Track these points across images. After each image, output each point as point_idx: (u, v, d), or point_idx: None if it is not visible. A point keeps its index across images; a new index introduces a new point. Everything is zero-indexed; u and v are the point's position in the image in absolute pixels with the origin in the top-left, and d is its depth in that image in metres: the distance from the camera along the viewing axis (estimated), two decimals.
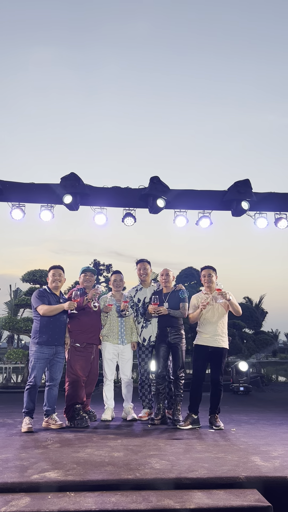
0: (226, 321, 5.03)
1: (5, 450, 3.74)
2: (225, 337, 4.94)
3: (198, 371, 4.96)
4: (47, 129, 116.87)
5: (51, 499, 2.64)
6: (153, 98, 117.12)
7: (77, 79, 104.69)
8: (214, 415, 4.83)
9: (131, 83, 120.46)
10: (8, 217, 6.20)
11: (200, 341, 4.96)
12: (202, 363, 4.97)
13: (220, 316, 4.94)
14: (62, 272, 5.05)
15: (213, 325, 4.90)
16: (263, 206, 6.49)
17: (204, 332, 4.94)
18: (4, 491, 2.76)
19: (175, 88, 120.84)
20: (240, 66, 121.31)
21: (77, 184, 6.01)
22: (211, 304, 4.95)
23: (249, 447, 3.88)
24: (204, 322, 4.97)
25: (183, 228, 6.48)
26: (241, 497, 2.68)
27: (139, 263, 5.67)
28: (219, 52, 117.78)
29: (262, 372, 13.15)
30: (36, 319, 4.86)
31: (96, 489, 2.80)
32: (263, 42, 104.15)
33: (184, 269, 14.42)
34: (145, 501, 2.60)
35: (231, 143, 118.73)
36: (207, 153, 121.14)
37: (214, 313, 4.93)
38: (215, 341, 4.87)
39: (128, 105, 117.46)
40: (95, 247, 53.78)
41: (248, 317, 15.61)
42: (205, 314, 4.97)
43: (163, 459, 3.40)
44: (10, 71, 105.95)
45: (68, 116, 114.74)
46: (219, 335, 4.89)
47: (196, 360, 5.01)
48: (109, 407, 5.31)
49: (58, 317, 4.86)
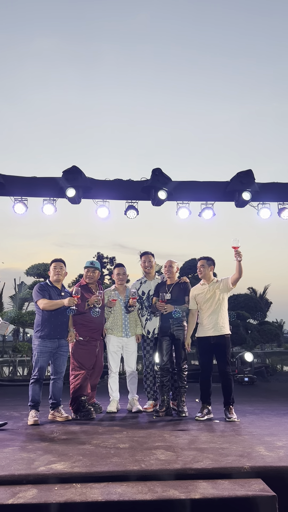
0: (226, 308, 5.02)
1: (11, 442, 3.78)
2: (226, 325, 4.95)
3: (204, 364, 4.98)
4: (47, 122, 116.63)
5: (57, 490, 2.67)
6: (155, 89, 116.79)
7: (78, 70, 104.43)
8: (228, 407, 4.82)
9: (131, 74, 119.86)
10: (11, 211, 6.21)
11: (202, 333, 4.98)
12: (208, 355, 4.98)
13: (219, 304, 4.94)
14: (63, 265, 5.06)
15: (213, 314, 4.91)
16: (266, 196, 6.47)
17: (205, 323, 4.95)
18: (11, 483, 2.80)
19: (177, 79, 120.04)
20: (242, 54, 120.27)
21: (79, 177, 6.01)
22: (210, 292, 4.96)
23: (253, 437, 3.90)
24: (203, 313, 4.98)
25: (186, 219, 6.47)
26: (246, 487, 2.70)
27: (143, 255, 5.67)
28: (221, 43, 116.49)
29: (267, 362, 13.15)
30: (38, 313, 4.89)
31: (102, 480, 2.83)
32: (265, 34, 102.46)
33: (188, 260, 14.35)
34: (150, 491, 2.63)
35: (234, 133, 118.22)
36: (210, 144, 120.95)
37: (212, 303, 4.94)
38: (216, 330, 4.88)
39: (129, 96, 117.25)
40: (98, 240, 53.70)
41: (253, 308, 15.58)
42: (204, 305, 4.98)
43: (168, 450, 3.42)
44: (10, 63, 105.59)
45: (68, 107, 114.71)
46: (220, 324, 4.89)
47: (201, 354, 5.02)
48: (114, 399, 5.35)
49: (60, 311, 4.88)
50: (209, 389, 4.94)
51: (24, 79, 69.20)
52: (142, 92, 78.64)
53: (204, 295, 5.00)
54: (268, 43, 69.37)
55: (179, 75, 71.64)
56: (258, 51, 66.98)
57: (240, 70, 77.41)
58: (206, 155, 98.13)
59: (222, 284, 4.98)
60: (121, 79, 76.46)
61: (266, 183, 6.44)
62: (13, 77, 74.85)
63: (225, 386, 4.86)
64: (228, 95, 76.97)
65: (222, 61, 70.48)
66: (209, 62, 73.39)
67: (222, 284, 4.98)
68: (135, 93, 77.76)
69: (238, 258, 4.73)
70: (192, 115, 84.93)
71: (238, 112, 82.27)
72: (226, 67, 68.53)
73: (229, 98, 79.42)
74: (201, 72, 72.88)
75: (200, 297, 5.02)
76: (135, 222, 6.38)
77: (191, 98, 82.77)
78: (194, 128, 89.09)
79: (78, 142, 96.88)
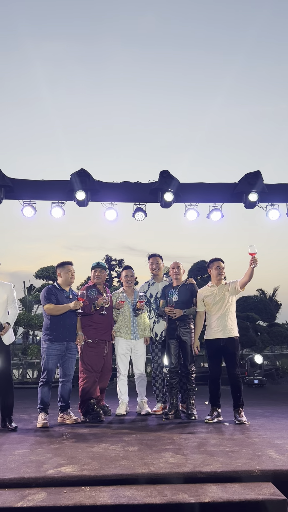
0: (234, 310, 5.00)
1: (21, 445, 3.79)
2: (235, 327, 4.92)
3: (213, 367, 4.96)
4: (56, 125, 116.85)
5: (67, 493, 2.66)
6: (163, 90, 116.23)
7: (86, 73, 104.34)
8: (238, 409, 4.79)
9: (140, 76, 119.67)
10: (20, 214, 6.25)
11: (211, 335, 4.95)
12: (216, 358, 4.95)
13: (228, 307, 4.91)
14: (71, 267, 5.07)
15: (222, 317, 4.88)
16: (274, 197, 6.43)
17: (214, 326, 4.93)
18: (20, 486, 2.80)
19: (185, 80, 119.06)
20: (251, 54, 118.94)
21: (87, 180, 6.02)
22: (219, 295, 4.94)
23: (263, 440, 3.86)
24: (212, 315, 4.96)
25: (194, 221, 6.45)
26: (256, 491, 2.68)
27: (151, 257, 5.66)
28: (229, 42, 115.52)
29: (277, 365, 13.07)
30: (46, 316, 4.91)
31: (111, 483, 2.82)
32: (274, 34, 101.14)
33: (196, 262, 14.36)
34: (160, 495, 2.62)
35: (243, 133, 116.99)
36: (218, 145, 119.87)
37: (221, 305, 4.91)
38: (225, 333, 4.85)
39: (137, 98, 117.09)
40: (107, 242, 53.82)
41: (262, 310, 15.51)
42: (212, 307, 4.96)
43: (178, 453, 3.41)
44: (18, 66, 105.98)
45: (76, 110, 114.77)
46: (229, 326, 4.87)
47: (210, 356, 5.00)
48: (123, 402, 5.34)
49: (69, 314, 4.89)
50: (218, 392, 4.91)
51: (32, 80, 69.84)
52: (149, 94, 78.66)
53: (213, 297, 4.98)
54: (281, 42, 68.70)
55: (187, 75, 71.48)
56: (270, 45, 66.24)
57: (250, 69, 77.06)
58: (215, 156, 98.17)
59: (231, 287, 4.96)
60: (130, 79, 76.74)
61: (274, 184, 6.40)
62: (21, 78, 75.43)
63: (234, 389, 4.83)
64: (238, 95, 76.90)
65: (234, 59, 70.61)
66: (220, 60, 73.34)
67: (231, 286, 4.96)
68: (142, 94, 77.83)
69: (254, 264, 4.73)
70: (202, 116, 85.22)
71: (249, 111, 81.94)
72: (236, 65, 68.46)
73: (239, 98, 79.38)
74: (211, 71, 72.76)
75: (209, 299, 5.00)
76: (143, 224, 6.37)
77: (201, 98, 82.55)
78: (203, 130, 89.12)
79: (86, 145, 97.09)
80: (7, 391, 4.53)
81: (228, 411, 5.02)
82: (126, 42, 67.40)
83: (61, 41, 65.31)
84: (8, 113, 75.61)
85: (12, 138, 77.12)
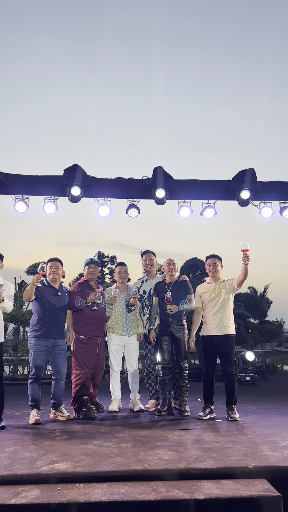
0: (231, 308, 4.99)
1: (13, 442, 3.76)
2: (231, 324, 4.92)
3: (208, 364, 4.96)
4: (49, 120, 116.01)
5: (60, 490, 2.65)
6: (157, 87, 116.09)
7: (80, 69, 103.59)
8: (231, 406, 4.80)
9: (134, 73, 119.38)
10: (12, 210, 6.18)
11: (206, 332, 4.95)
12: (211, 355, 4.95)
13: (224, 304, 4.91)
14: (59, 264, 5.04)
15: (218, 314, 4.88)
16: (268, 195, 6.44)
17: (209, 322, 4.93)
18: (13, 483, 2.78)
19: (179, 77, 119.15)
20: (245, 53, 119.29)
21: (80, 176, 5.98)
22: (215, 292, 4.94)
23: (257, 437, 3.88)
24: (208, 312, 4.96)
25: (188, 218, 6.44)
26: (250, 487, 2.68)
27: (144, 254, 5.65)
28: (225, 40, 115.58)
29: (267, 362, 13.13)
30: (34, 313, 4.92)
31: (105, 480, 2.81)
32: (273, 30, 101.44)
33: (189, 259, 14.32)
34: (154, 491, 2.61)
35: (237, 131, 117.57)
36: (212, 142, 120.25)
37: (217, 302, 4.91)
38: (221, 330, 4.85)
39: (131, 94, 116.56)
40: (99, 239, 53.68)
41: (253, 307, 15.55)
42: (208, 304, 4.96)
43: (171, 449, 3.40)
44: (12, 62, 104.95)
45: (70, 106, 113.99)
46: (224, 323, 4.87)
47: (205, 353, 5.00)
48: (116, 398, 5.32)
49: (55, 310, 4.88)
50: (212, 388, 4.92)
51: (26, 78, 69.13)
52: (144, 91, 78.39)
53: (209, 294, 4.98)
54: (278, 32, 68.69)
55: (181, 73, 71.39)
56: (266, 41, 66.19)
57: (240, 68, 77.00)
58: (208, 153, 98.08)
59: (228, 284, 4.96)
60: (123, 77, 76.22)
61: (268, 182, 6.41)
62: (15, 75, 74.59)
63: (228, 386, 4.84)
64: (230, 92, 76.84)
65: (224, 58, 70.45)
66: (212, 59, 73.07)
67: (228, 284, 4.96)
68: (136, 91, 77.58)
69: (246, 261, 4.71)
70: (194, 113, 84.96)
71: (241, 109, 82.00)
72: (226, 63, 68.38)
73: (231, 95, 79.37)
74: (203, 70, 72.68)
75: (205, 296, 5.00)
76: (136, 221, 6.35)
77: (192, 96, 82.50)
78: (196, 126, 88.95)
79: (79, 140, 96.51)
80: None
81: (220, 408, 5.03)
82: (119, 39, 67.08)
83: (55, 38, 64.84)
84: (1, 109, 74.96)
85: (5, 135, 76.59)
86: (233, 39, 58.05)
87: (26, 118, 77.19)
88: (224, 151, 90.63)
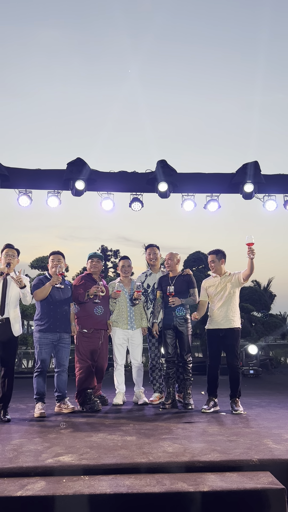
0: (236, 302, 4.99)
1: (19, 435, 3.79)
2: (236, 317, 4.92)
3: (213, 357, 4.97)
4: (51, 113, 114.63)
5: (66, 482, 2.66)
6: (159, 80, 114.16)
7: (82, 62, 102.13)
8: (235, 399, 4.82)
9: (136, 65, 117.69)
10: (16, 204, 6.19)
11: (211, 325, 4.96)
12: (216, 348, 4.96)
13: (229, 298, 4.91)
14: (61, 257, 5.05)
15: (223, 307, 4.88)
16: (272, 188, 6.41)
17: (215, 316, 4.93)
18: (19, 475, 2.80)
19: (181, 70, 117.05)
20: (249, 44, 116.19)
21: (84, 169, 5.97)
22: (221, 285, 4.95)
23: (261, 430, 3.89)
24: (213, 306, 4.96)
25: (191, 212, 6.43)
26: (255, 480, 2.69)
27: (148, 248, 5.64)
28: (228, 31, 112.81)
29: (271, 355, 13.15)
30: (37, 306, 4.93)
31: (110, 472, 2.83)
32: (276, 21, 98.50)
33: (192, 253, 14.31)
34: (159, 484, 2.62)
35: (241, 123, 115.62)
36: (216, 134, 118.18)
37: (222, 296, 4.91)
38: (226, 323, 4.86)
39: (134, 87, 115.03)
40: (102, 233, 53.52)
41: (257, 300, 15.56)
42: (214, 297, 4.96)
43: (176, 442, 3.42)
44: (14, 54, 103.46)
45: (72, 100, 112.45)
46: (229, 317, 4.87)
47: (210, 345, 5.01)
48: (120, 392, 5.35)
49: (59, 304, 4.89)
50: (216, 382, 4.93)
51: (28, 71, 68.69)
52: (147, 83, 77.89)
53: (215, 287, 4.98)
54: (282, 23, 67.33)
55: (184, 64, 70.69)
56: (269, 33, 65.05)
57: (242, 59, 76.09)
58: (212, 146, 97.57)
59: (234, 278, 4.94)
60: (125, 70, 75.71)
61: (272, 175, 6.38)
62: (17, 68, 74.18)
63: (233, 379, 4.85)
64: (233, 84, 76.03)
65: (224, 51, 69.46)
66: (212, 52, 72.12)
67: (234, 278, 4.95)
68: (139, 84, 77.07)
69: (251, 255, 4.70)
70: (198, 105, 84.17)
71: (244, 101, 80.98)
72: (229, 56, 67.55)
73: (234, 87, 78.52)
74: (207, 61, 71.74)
75: (211, 290, 5.01)
76: (139, 214, 6.34)
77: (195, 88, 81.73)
78: (199, 119, 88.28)
79: (83, 134, 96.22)
80: (9, 382, 4.51)
81: (224, 401, 5.05)
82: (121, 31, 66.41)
83: (57, 30, 64.28)
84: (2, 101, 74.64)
85: (8, 128, 76.26)
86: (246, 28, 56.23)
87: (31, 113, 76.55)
88: (228, 144, 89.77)
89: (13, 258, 4.57)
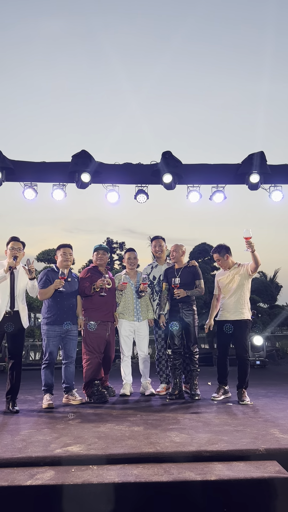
0: (246, 293, 4.98)
1: (28, 425, 3.84)
2: (245, 310, 4.91)
3: (221, 347, 5.02)
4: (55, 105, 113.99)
5: (74, 472, 2.70)
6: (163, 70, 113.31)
7: (85, 52, 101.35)
8: (241, 390, 4.83)
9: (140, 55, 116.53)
10: (21, 197, 6.20)
11: (221, 317, 5.01)
12: (225, 339, 4.98)
13: (239, 289, 4.91)
14: (71, 251, 5.06)
15: (232, 299, 4.89)
16: (278, 178, 6.35)
17: (224, 307, 4.97)
18: (29, 464, 2.84)
19: (185, 59, 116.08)
20: (254, 35, 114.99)
21: (89, 162, 5.95)
22: (230, 277, 4.95)
23: (267, 420, 3.91)
24: (224, 297, 4.99)
25: (197, 203, 6.40)
26: (261, 469, 2.71)
27: (154, 240, 5.64)
28: (231, 22, 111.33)
29: (277, 346, 13.16)
30: (44, 300, 4.93)
31: (118, 462, 2.87)
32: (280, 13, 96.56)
33: (198, 245, 14.31)
34: (166, 473, 2.65)
35: (246, 114, 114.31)
36: (221, 125, 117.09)
37: (231, 287, 4.92)
38: (235, 314, 4.87)
39: (137, 78, 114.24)
40: (108, 225, 53.55)
41: (263, 291, 15.56)
42: (224, 289, 4.98)
43: (183, 432, 3.45)
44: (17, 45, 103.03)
45: (76, 91, 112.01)
46: (239, 308, 4.88)
47: (219, 336, 5.04)
48: (127, 383, 5.38)
49: (66, 296, 4.91)
50: (226, 371, 4.99)
51: (31, 62, 68.52)
52: (152, 74, 77.25)
53: (225, 279, 5.01)
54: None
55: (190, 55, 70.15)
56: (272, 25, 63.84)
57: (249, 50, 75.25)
58: (217, 137, 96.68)
59: (243, 269, 4.94)
60: (130, 59, 75.22)
61: (278, 165, 6.32)
62: (20, 60, 73.97)
63: (241, 370, 4.87)
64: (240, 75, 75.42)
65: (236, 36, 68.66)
66: (223, 38, 71.32)
67: (242, 269, 4.94)
68: (143, 75, 76.53)
69: (250, 249, 4.65)
70: (203, 96, 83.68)
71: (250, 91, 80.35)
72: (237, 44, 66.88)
73: (240, 77, 77.87)
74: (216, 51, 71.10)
75: (222, 282, 5.05)
76: (145, 206, 6.31)
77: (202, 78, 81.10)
78: (204, 110, 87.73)
79: (87, 125, 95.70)
80: (17, 374, 4.56)
81: (231, 392, 5.07)
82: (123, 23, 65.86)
83: (60, 20, 63.85)
84: (8, 94, 74.52)
85: (12, 120, 76.20)
86: None
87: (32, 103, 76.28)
88: (234, 134, 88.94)
89: (19, 251, 4.59)
